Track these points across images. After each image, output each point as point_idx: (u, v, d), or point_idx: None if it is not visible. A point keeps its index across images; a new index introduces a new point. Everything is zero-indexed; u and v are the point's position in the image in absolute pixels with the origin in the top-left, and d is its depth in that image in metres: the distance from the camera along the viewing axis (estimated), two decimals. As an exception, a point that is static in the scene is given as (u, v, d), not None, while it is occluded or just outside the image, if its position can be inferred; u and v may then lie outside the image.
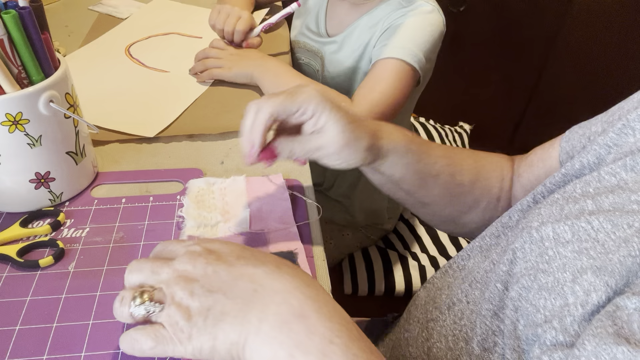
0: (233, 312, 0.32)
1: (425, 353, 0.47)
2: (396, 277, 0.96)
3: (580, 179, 0.41)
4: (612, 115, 0.45)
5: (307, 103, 0.45)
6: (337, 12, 0.85)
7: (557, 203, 0.41)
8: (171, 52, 0.86)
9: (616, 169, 0.39)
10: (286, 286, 0.32)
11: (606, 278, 0.32)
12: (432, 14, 0.77)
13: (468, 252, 0.51)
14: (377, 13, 0.80)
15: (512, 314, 0.37)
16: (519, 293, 0.37)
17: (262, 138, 0.45)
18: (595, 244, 0.35)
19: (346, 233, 1.01)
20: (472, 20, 1.58)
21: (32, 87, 0.48)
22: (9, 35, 0.47)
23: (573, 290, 0.33)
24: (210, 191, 0.56)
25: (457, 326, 0.44)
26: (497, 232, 0.49)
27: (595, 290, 0.32)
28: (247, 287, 0.33)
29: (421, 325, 0.50)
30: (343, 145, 0.46)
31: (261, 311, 0.31)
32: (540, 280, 0.35)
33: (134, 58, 0.84)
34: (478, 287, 0.44)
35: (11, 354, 0.41)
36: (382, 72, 0.74)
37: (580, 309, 0.32)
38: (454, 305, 0.46)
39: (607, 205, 0.37)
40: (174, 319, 0.32)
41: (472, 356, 0.40)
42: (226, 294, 0.32)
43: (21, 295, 0.45)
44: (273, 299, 0.32)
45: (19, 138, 0.49)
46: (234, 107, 0.74)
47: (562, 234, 0.37)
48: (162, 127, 0.68)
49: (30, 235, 0.51)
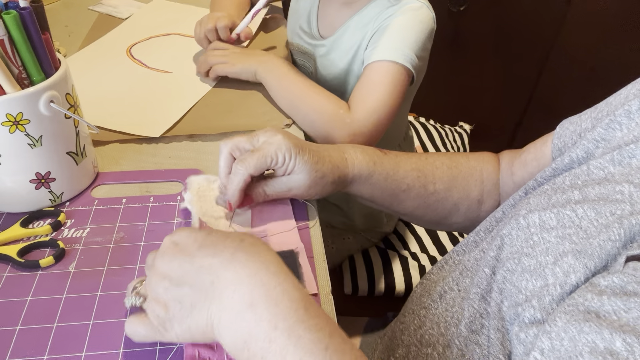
0: (199, 304, 0.35)
1: (418, 340, 0.48)
2: (396, 277, 0.96)
3: (570, 172, 0.43)
4: (601, 111, 0.47)
5: (277, 153, 0.50)
6: (328, 13, 0.84)
7: (546, 193, 0.42)
8: (172, 52, 0.87)
9: (604, 163, 0.40)
10: (238, 275, 0.34)
11: (585, 260, 0.33)
12: (421, 10, 0.76)
13: (463, 247, 0.52)
14: (366, 13, 0.79)
15: (497, 296, 0.39)
16: (504, 276, 0.38)
17: (239, 199, 0.51)
18: (578, 230, 0.36)
19: (347, 237, 1.01)
20: (472, 20, 1.58)
21: (33, 87, 0.48)
22: (10, 36, 0.47)
23: (553, 271, 0.34)
24: (211, 188, 0.56)
25: (449, 313, 0.45)
26: (490, 226, 0.50)
27: (575, 272, 0.33)
28: (207, 279, 0.35)
29: (414, 315, 0.50)
30: (310, 185, 0.52)
31: (219, 302, 0.34)
32: (523, 264, 0.37)
33: (135, 59, 0.84)
34: (468, 275, 0.45)
35: (11, 354, 0.41)
36: (376, 76, 0.73)
37: (559, 289, 0.33)
38: (446, 293, 0.47)
39: (593, 195, 0.38)
40: (155, 312, 0.37)
41: (460, 338, 0.42)
42: (192, 286, 0.35)
43: (22, 295, 0.45)
44: (227, 290, 0.34)
45: (19, 138, 0.49)
46: (235, 107, 0.74)
47: (548, 221, 0.38)
48: (167, 127, 0.68)
49: (31, 236, 0.51)
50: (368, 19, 0.78)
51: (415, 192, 0.58)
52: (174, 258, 0.37)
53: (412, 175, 0.57)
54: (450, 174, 0.59)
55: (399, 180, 0.57)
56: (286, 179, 0.52)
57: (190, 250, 0.36)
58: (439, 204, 0.59)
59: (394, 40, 0.74)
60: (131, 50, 0.86)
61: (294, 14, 0.90)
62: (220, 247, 0.36)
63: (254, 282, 0.33)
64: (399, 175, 0.57)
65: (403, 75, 0.74)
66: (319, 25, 0.86)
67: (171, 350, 0.41)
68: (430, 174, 0.58)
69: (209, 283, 0.35)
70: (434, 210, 0.59)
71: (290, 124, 0.72)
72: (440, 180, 0.58)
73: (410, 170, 0.58)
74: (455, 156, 0.62)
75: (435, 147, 1.25)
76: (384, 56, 0.73)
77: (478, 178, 0.60)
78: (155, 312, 0.37)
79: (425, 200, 0.58)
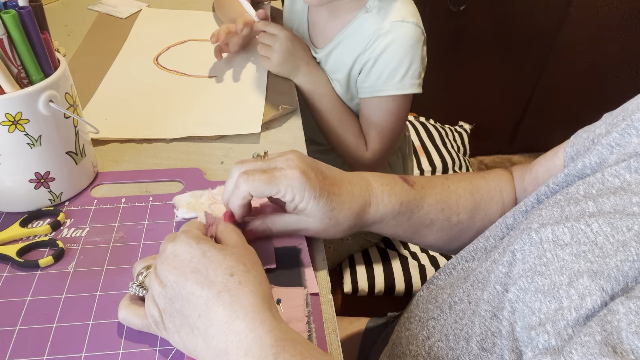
0: (187, 329, 0.37)
1: (426, 352, 0.47)
2: (396, 276, 0.96)
3: (584, 180, 0.41)
4: (616, 117, 0.45)
5: (287, 188, 0.45)
6: (317, 22, 0.84)
7: (559, 204, 0.40)
8: (201, 57, 0.84)
9: (620, 170, 0.38)
10: (219, 320, 0.36)
11: (602, 282, 0.32)
12: (411, 32, 0.75)
13: (472, 254, 0.51)
14: (356, 29, 0.78)
15: (509, 315, 0.37)
16: (517, 295, 0.37)
17: (241, 211, 0.47)
18: (593, 247, 0.34)
19: (345, 238, 1.00)
20: (472, 20, 1.58)
21: (32, 86, 0.48)
22: (9, 35, 0.47)
23: (568, 293, 0.33)
24: (200, 202, 0.55)
25: (458, 325, 0.44)
26: (501, 233, 0.49)
27: (590, 295, 0.32)
28: (195, 310, 0.37)
29: (422, 324, 0.50)
30: (322, 230, 0.48)
31: (204, 340, 0.36)
32: (537, 283, 0.35)
33: (171, 70, 0.81)
34: (479, 287, 0.44)
35: (11, 354, 0.41)
36: (387, 110, 0.79)
37: (574, 313, 0.32)
38: (456, 304, 0.46)
39: (608, 207, 0.36)
40: (151, 311, 0.39)
41: (472, 356, 0.40)
42: (182, 308, 0.37)
43: (21, 295, 0.45)
44: (210, 331, 0.36)
45: (18, 138, 0.49)
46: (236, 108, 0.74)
47: (561, 236, 0.37)
48: (261, 120, 0.69)
49: (30, 235, 0.51)
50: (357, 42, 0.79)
51: (438, 225, 0.55)
52: (170, 272, 0.38)
53: (436, 208, 0.54)
54: (473, 201, 0.57)
55: (423, 217, 0.54)
56: (294, 219, 0.48)
57: (185, 270, 0.38)
58: (462, 233, 0.57)
59: (399, 74, 0.77)
60: (159, 62, 0.83)
61: (289, 14, 0.90)
62: (211, 278, 0.37)
63: (230, 330, 0.35)
64: (424, 212, 0.54)
65: (409, 98, 0.80)
66: (310, 32, 0.86)
67: (171, 350, 0.41)
68: (454, 204, 0.55)
69: (196, 316, 0.37)
70: (457, 240, 0.57)
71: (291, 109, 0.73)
72: (463, 209, 0.56)
73: (435, 204, 0.54)
74: (474, 179, 0.59)
75: (435, 146, 1.25)
76: (393, 91, 0.78)
77: (499, 200, 0.58)
78: (151, 311, 0.39)
79: (448, 232, 0.56)
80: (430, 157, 1.23)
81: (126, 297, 0.43)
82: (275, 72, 0.80)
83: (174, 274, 0.38)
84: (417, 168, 1.20)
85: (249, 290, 0.37)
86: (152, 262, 0.43)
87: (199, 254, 0.38)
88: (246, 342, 0.34)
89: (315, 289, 0.47)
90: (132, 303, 0.42)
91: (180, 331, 0.38)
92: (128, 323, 0.42)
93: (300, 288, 0.46)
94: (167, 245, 0.40)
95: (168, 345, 0.42)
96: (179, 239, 0.40)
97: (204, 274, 0.37)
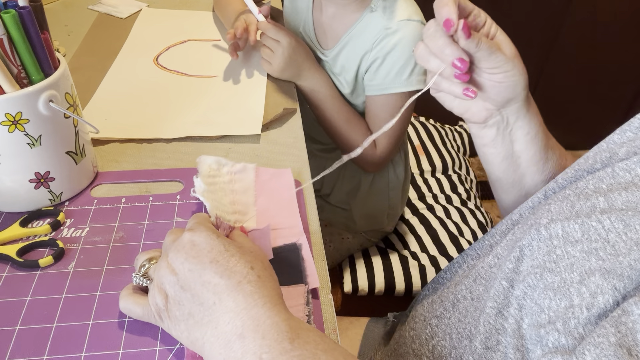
0: (197, 317, 0.36)
1: (430, 351, 0.46)
2: (396, 276, 0.96)
3: (593, 175, 0.40)
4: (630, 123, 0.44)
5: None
6: (323, 22, 0.84)
7: (568, 199, 0.40)
8: (201, 57, 0.84)
9: (631, 164, 0.38)
10: (237, 306, 0.35)
11: (614, 281, 0.31)
12: (417, 30, 0.76)
13: (478, 251, 0.50)
14: (362, 30, 0.79)
15: (516, 312, 0.37)
16: (524, 291, 0.36)
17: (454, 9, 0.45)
18: (605, 244, 0.34)
19: (346, 237, 1.00)
20: (472, 19, 1.57)
21: (32, 86, 0.48)
22: (9, 35, 0.47)
23: (579, 291, 0.32)
24: (221, 173, 0.56)
25: (462, 324, 0.43)
26: (506, 229, 0.48)
27: (602, 293, 0.31)
28: (210, 297, 0.36)
29: (426, 323, 0.49)
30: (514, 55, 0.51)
31: (215, 327, 0.36)
32: (546, 280, 0.35)
33: (171, 70, 0.81)
34: (482, 283, 0.43)
35: (11, 354, 0.40)
36: (396, 107, 0.80)
37: (585, 312, 0.31)
38: (459, 302, 0.45)
39: (619, 203, 0.36)
40: (155, 299, 0.39)
41: (475, 355, 0.40)
42: (194, 296, 0.37)
43: (21, 295, 0.45)
44: (225, 316, 0.35)
45: (18, 138, 0.49)
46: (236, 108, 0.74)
47: (572, 233, 0.36)
48: (262, 121, 0.69)
49: (30, 235, 0.51)
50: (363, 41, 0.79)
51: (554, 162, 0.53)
52: (186, 260, 0.38)
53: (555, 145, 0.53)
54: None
55: (548, 137, 0.53)
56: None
57: (203, 260, 0.37)
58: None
59: (405, 72, 0.78)
60: (159, 62, 0.83)
61: (292, 14, 0.89)
62: (230, 269, 0.37)
63: (248, 315, 0.35)
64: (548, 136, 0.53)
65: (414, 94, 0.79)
66: (316, 32, 0.86)
67: (171, 350, 0.41)
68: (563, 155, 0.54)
69: (211, 302, 0.36)
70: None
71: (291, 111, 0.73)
72: None
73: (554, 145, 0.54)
74: None
75: (435, 146, 1.25)
76: (400, 89, 0.79)
77: None
78: (155, 300, 0.39)
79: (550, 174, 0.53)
80: (430, 157, 1.23)
81: (128, 287, 0.43)
82: (276, 76, 0.80)
83: (190, 262, 0.37)
84: (417, 168, 1.21)
85: (268, 285, 0.37)
86: (154, 255, 0.44)
87: (221, 247, 0.38)
88: (264, 327, 0.34)
89: (316, 284, 0.47)
90: (133, 292, 0.43)
91: (188, 319, 0.37)
92: (129, 312, 0.42)
93: (301, 285, 0.46)
94: (185, 234, 0.40)
95: (168, 345, 0.42)
96: (198, 229, 0.40)
97: (224, 265, 0.37)
